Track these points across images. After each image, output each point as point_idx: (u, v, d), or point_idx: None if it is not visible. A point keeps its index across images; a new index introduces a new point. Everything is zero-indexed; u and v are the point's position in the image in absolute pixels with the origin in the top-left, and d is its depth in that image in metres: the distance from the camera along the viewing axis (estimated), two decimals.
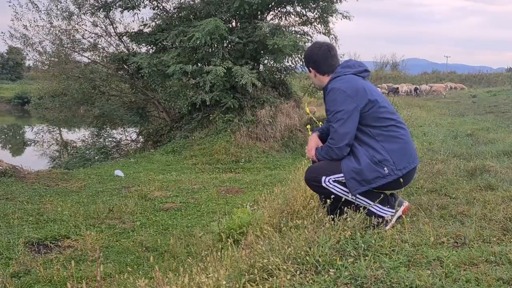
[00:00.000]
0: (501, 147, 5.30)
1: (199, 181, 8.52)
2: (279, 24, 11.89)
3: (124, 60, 12.63)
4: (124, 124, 14.94)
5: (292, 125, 12.04)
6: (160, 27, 12.32)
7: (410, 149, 2.76)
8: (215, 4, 11.59)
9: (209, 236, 4.62)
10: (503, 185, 3.53)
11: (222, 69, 10.43)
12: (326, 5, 12.10)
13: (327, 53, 2.87)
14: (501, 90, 28.22)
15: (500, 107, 17.78)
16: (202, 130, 11.60)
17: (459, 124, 10.61)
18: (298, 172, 4.30)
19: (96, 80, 13.90)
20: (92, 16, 13.07)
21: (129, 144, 15.09)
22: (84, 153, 13.42)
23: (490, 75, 42.85)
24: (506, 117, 13.51)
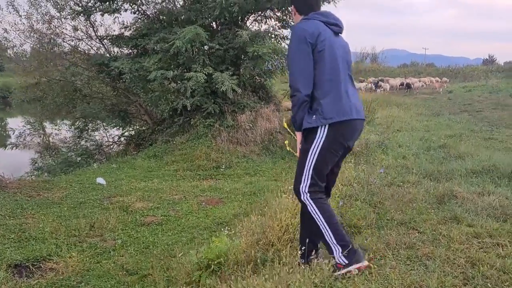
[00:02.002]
0: (470, 165, 5.54)
1: (180, 189, 8.64)
2: (259, 31, 12.00)
3: (105, 64, 12.59)
4: (106, 126, 14.90)
5: (272, 128, 12.18)
6: (141, 31, 12.28)
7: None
8: (196, 10, 11.62)
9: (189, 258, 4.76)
10: (468, 216, 3.74)
11: (202, 75, 10.53)
12: None
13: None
14: (476, 85, 28.87)
15: (474, 105, 18.29)
16: (183, 135, 11.68)
17: (434, 128, 10.93)
18: (276, 200, 4.43)
19: (77, 83, 13.86)
20: (72, 20, 13.01)
21: (111, 145, 15.07)
22: (66, 157, 13.37)
23: (466, 69, 43.63)
24: (479, 117, 13.95)
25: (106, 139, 15.30)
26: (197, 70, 10.80)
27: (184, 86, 10.81)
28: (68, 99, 13.93)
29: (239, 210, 7.02)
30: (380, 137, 7.35)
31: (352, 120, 2.83)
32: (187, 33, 10.42)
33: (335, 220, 2.85)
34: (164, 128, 12.62)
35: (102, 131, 15.40)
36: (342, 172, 5.19)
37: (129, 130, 15.02)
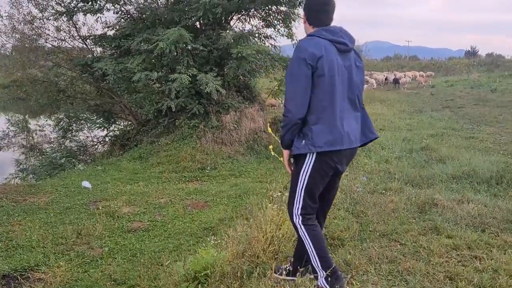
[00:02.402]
0: (451, 170, 5.69)
1: (166, 193, 8.68)
2: (242, 31, 12.03)
3: (88, 64, 12.49)
4: (91, 126, 14.81)
5: (257, 128, 12.27)
6: (125, 32, 12.21)
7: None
8: (179, 11, 11.60)
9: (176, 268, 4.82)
10: (448, 227, 3.86)
11: (187, 77, 10.53)
12: (288, 11, 12.37)
13: (321, 6, 2.86)
14: (458, 80, 29.28)
15: (456, 101, 18.57)
16: (168, 136, 11.69)
17: (416, 126, 11.12)
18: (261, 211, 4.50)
19: (60, 83, 13.74)
20: (55, 20, 12.89)
21: (95, 146, 14.99)
22: (51, 159, 13.27)
23: (448, 63, 44.16)
24: (461, 113, 14.19)
25: (90, 140, 15.20)
26: (181, 72, 10.79)
27: (169, 87, 10.81)
28: (52, 99, 13.80)
29: (225, 214, 7.09)
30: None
31: (343, 150, 2.80)
32: (171, 34, 10.41)
33: (323, 246, 2.90)
34: (149, 129, 12.61)
35: (87, 131, 15.29)
36: None
37: (114, 131, 14.94)
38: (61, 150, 14.18)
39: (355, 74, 2.86)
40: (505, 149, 7.97)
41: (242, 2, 11.09)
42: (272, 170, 9.99)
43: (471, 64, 38.52)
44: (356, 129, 2.90)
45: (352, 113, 2.88)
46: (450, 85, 27.02)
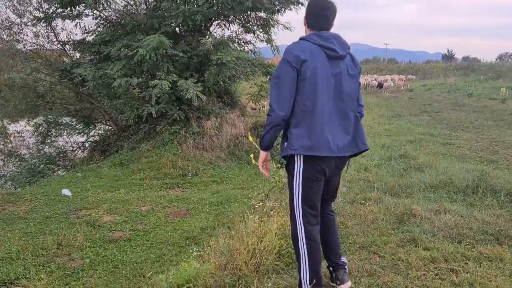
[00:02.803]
0: (428, 179, 5.81)
1: (148, 200, 8.65)
2: (222, 38, 12.08)
3: (67, 70, 12.37)
4: (70, 132, 14.65)
5: (238, 133, 12.31)
6: (104, 38, 12.13)
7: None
8: (158, 17, 11.58)
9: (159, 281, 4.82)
10: (426, 238, 3.96)
11: (167, 83, 10.53)
12: (267, 17, 12.48)
13: (320, 10, 2.86)
14: (435, 84, 29.82)
15: (434, 105, 18.91)
16: (149, 142, 11.66)
17: (395, 132, 11.28)
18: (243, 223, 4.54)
19: (39, 88, 13.58)
20: (33, 26, 12.74)
21: (75, 151, 14.83)
22: (30, 165, 13.08)
23: (426, 66, 44.91)
24: (439, 118, 14.45)
25: (70, 145, 15.04)
26: (161, 78, 10.78)
27: (149, 93, 10.79)
28: (30, 105, 13.61)
29: (207, 223, 7.11)
30: None
31: (323, 157, 2.76)
32: (151, 41, 10.39)
33: (317, 261, 2.91)
34: (130, 135, 12.55)
35: (66, 137, 15.13)
36: None
37: (94, 136, 14.82)
38: (40, 156, 14.00)
39: (346, 83, 2.81)
40: (480, 155, 8.17)
41: (221, 9, 11.14)
42: (254, 176, 10.04)
43: (448, 68, 39.24)
44: (342, 138, 2.82)
45: (340, 121, 2.82)
46: (428, 89, 27.51)
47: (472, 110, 15.60)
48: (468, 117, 13.94)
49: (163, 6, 11.45)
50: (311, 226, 2.90)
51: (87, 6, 11.91)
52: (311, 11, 2.88)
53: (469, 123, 12.68)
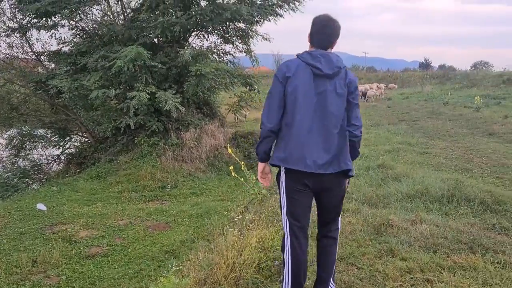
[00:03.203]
0: (405, 189, 5.88)
1: (126, 214, 8.54)
2: (201, 49, 12.07)
3: (42, 81, 12.17)
4: (45, 145, 14.38)
5: (217, 144, 12.27)
6: (81, 49, 12.00)
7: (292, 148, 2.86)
8: (136, 28, 11.52)
9: None
10: (402, 249, 3.99)
11: (145, 95, 10.46)
12: (246, 28, 12.54)
13: (320, 28, 2.92)
14: (413, 92, 30.28)
15: (411, 114, 19.17)
16: (128, 154, 11.52)
17: (373, 141, 11.37)
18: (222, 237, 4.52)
19: (13, 100, 13.32)
20: (7, 37, 12.54)
21: (50, 164, 14.55)
22: (4, 179, 12.78)
23: (404, 75, 45.58)
24: (416, 127, 14.65)
25: (45, 158, 14.75)
26: (139, 89, 10.70)
27: (127, 105, 10.68)
28: (4, 117, 13.34)
29: (186, 236, 7.05)
30: None
31: (300, 171, 2.79)
32: (129, 52, 10.32)
33: (299, 277, 2.91)
34: (107, 147, 12.39)
35: (41, 149, 14.84)
36: None
37: (70, 149, 14.57)
38: (14, 169, 13.70)
39: (332, 101, 2.81)
40: (456, 164, 8.31)
41: (200, 20, 11.13)
42: (233, 188, 10.00)
43: (424, 77, 39.87)
44: (322, 155, 2.81)
45: (321, 139, 2.82)
46: (405, 98, 27.87)
47: (448, 118, 15.87)
48: (444, 126, 14.17)
49: (141, 17, 11.41)
50: (297, 240, 2.91)
51: (63, 16, 11.77)
52: (313, 28, 2.95)
53: (445, 131, 12.89)
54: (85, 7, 12.30)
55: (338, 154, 2.85)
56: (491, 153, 9.21)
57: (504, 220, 4.88)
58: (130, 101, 10.58)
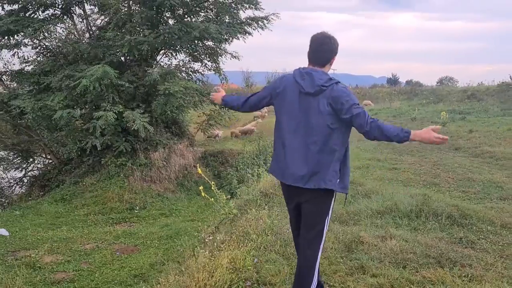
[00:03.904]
0: (375, 206, 5.92)
1: (92, 237, 8.28)
2: (169, 68, 12.00)
3: (4, 102, 11.80)
4: (7, 167, 13.88)
5: (187, 164, 12.16)
6: (44, 68, 11.73)
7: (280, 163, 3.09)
8: (102, 47, 11.37)
9: None
10: (373, 265, 4.00)
11: (112, 114, 10.25)
12: (214, 46, 12.56)
13: (314, 46, 3.02)
14: (381, 108, 30.83)
15: None
16: (94, 175, 11.24)
17: None
18: (193, 258, 4.43)
19: None
20: None
21: (12, 187, 14.04)
22: None
23: (372, 91, 46.41)
24: (385, 143, 14.87)
25: (7, 181, 14.21)
26: (106, 109, 10.49)
27: (93, 125, 10.42)
28: None
29: (156, 258, 6.88)
30: None
31: (286, 183, 3.07)
32: (95, 71, 10.14)
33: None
34: (72, 168, 12.06)
35: (2, 172, 14.30)
36: (258, 220, 5.32)
37: (33, 171, 14.12)
38: None
39: (314, 118, 2.89)
40: (424, 179, 8.45)
41: (168, 39, 11.08)
42: (204, 208, 9.90)
43: (392, 93, 40.64)
44: (301, 169, 2.93)
45: (301, 153, 2.93)
46: (374, 114, 28.27)
47: None
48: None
49: (108, 35, 11.26)
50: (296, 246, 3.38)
51: (27, 35, 11.51)
52: (309, 46, 3.06)
53: (413, 147, 13.11)
54: (49, 25, 12.06)
55: (317, 171, 2.92)
56: (457, 168, 9.42)
57: (471, 234, 4.97)
58: (97, 121, 10.35)
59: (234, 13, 12.58)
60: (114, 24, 11.58)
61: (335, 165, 2.95)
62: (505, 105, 23.39)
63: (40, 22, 11.62)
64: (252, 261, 4.17)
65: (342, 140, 2.97)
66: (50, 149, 13.15)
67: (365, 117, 2.82)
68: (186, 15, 12.55)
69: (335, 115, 2.87)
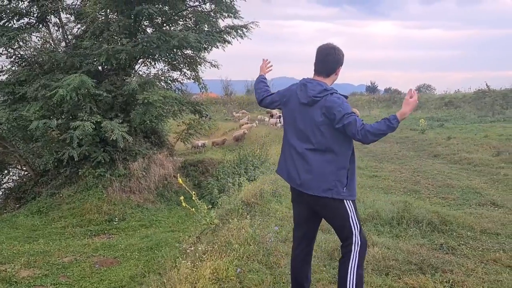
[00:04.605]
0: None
1: (70, 250, 8.10)
2: (148, 77, 11.90)
3: None
4: None
5: (167, 174, 12.03)
6: (19, 78, 11.50)
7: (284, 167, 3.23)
8: (79, 56, 11.21)
9: None
10: None
11: (90, 124, 10.08)
12: (193, 55, 12.51)
13: (318, 57, 3.15)
14: (361, 116, 31.11)
15: None
16: (71, 187, 11.01)
17: None
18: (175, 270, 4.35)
19: None
20: None
21: None
22: None
23: (351, 99, 46.80)
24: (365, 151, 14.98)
25: None
26: (83, 119, 10.30)
27: (70, 135, 10.21)
28: None
29: (136, 270, 6.75)
30: (273, 186, 7.56)
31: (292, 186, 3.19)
32: (71, 80, 9.97)
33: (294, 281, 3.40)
34: (49, 180, 11.79)
35: None
36: (240, 229, 5.26)
37: (7, 183, 13.76)
38: None
39: (309, 128, 3.02)
40: (404, 186, 8.53)
41: (147, 48, 10.98)
42: (184, 218, 9.78)
43: (371, 101, 41.09)
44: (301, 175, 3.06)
45: (300, 160, 3.08)
46: None
47: (396, 141, 16.34)
48: (392, 149, 14.57)
49: (85, 44, 11.11)
50: (294, 245, 3.45)
51: (1, 44, 11.29)
52: (315, 56, 3.18)
53: (393, 154, 13.26)
54: (24, 34, 11.86)
55: (314, 177, 3.02)
56: (436, 174, 9.54)
57: (451, 240, 5.02)
58: (74, 131, 10.15)
59: (213, 21, 12.55)
60: (91, 33, 11.44)
61: (337, 173, 3.00)
62: (481, 112, 23.87)
63: (15, 31, 11.43)
64: (235, 271, 4.12)
65: (341, 149, 3.01)
66: (26, 160, 12.84)
67: (356, 126, 2.85)
68: (164, 23, 12.50)
69: (331, 124, 2.95)
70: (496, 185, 8.37)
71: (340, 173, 3.00)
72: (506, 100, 24.87)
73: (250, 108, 38.60)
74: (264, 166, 11.09)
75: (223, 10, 12.35)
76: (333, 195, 2.98)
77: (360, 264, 3.05)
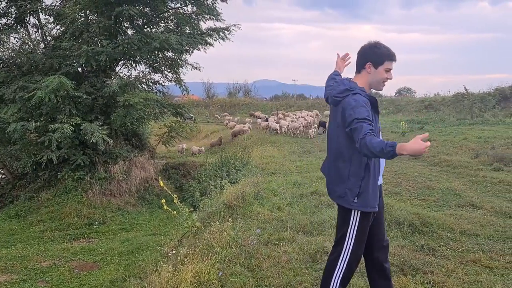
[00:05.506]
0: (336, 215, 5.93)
1: (49, 254, 7.96)
2: (129, 79, 11.78)
3: None
4: None
5: (148, 176, 11.92)
6: None
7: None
8: (58, 57, 11.03)
9: None
10: None
11: (69, 127, 9.93)
12: (175, 57, 12.44)
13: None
14: None
15: None
16: (50, 190, 10.82)
17: (306, 169, 11.52)
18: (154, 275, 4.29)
19: None
20: None
21: None
22: None
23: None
24: None
25: None
26: (63, 121, 10.14)
27: (49, 138, 10.04)
28: None
29: (117, 275, 6.65)
30: (256, 188, 7.54)
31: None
32: (50, 82, 9.81)
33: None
34: (27, 183, 11.58)
35: None
36: (221, 232, 5.23)
37: None
38: None
39: (331, 130, 3.01)
40: (386, 188, 8.55)
41: (127, 50, 10.88)
42: (166, 221, 9.69)
43: None
44: (325, 175, 3.13)
45: (327, 160, 3.12)
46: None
47: None
48: None
49: (64, 45, 10.95)
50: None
51: None
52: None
53: None
54: (2, 35, 11.65)
55: (331, 182, 3.04)
56: (417, 176, 9.62)
57: (431, 241, 5.06)
58: (52, 133, 9.99)
59: (195, 24, 12.51)
60: (71, 34, 11.28)
61: (348, 182, 2.87)
62: (460, 114, 24.24)
63: None
64: (217, 274, 4.09)
65: (352, 155, 2.84)
66: (3, 163, 12.57)
67: (359, 134, 2.61)
68: (146, 25, 12.40)
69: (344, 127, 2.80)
70: (475, 186, 8.49)
71: (351, 182, 2.85)
72: (484, 103, 25.31)
73: (232, 111, 38.51)
74: (246, 168, 11.05)
75: (205, 12, 12.32)
76: (343, 203, 2.90)
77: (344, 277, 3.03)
